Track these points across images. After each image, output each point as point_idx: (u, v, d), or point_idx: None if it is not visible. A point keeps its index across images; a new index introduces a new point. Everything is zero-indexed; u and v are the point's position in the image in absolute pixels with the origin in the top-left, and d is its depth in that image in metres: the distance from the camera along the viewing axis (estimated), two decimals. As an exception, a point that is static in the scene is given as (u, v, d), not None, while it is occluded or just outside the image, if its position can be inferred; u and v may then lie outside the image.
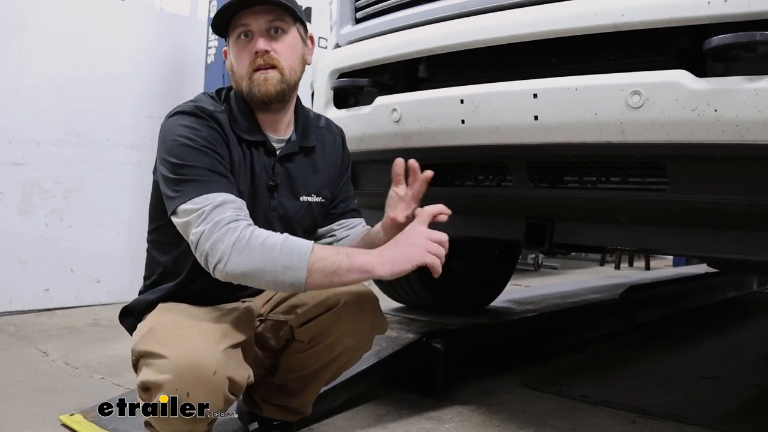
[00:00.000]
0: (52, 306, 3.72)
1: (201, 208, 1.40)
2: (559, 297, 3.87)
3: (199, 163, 1.46)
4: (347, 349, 1.65)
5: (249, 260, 1.37)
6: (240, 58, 1.57)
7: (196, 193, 1.42)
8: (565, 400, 2.35)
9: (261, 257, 1.36)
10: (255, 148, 1.61)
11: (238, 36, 1.57)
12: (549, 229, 1.92)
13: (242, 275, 1.38)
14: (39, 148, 3.67)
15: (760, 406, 2.46)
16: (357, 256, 1.40)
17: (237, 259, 1.37)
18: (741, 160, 1.45)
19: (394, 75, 2.13)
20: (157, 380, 1.36)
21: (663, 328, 3.83)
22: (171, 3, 4.39)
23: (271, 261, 1.36)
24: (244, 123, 1.60)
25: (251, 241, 1.37)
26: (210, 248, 1.38)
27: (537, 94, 1.65)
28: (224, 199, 1.42)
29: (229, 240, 1.37)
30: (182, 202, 1.43)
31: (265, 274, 1.37)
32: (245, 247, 1.37)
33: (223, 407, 1.43)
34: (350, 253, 1.41)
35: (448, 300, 3.13)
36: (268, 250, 1.37)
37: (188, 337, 1.40)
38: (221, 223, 1.38)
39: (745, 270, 4.75)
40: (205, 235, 1.39)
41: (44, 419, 2.00)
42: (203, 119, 1.52)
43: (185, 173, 1.45)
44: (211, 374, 1.36)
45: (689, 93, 1.42)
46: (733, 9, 1.36)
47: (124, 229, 3.99)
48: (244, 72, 1.57)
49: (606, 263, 8.08)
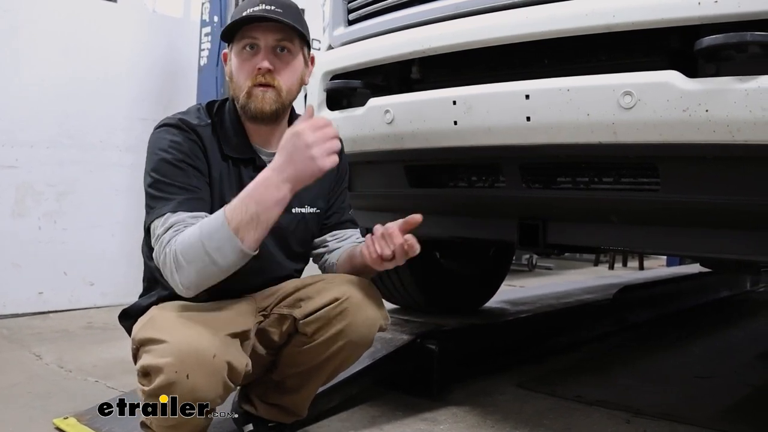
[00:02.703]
0: (46, 309, 3.70)
1: (157, 232, 1.47)
2: (553, 297, 3.88)
3: (173, 179, 1.51)
4: (349, 343, 1.65)
5: (190, 268, 1.41)
6: (242, 69, 1.59)
7: (160, 213, 1.49)
8: (559, 400, 2.35)
9: (195, 262, 1.40)
10: (244, 165, 1.64)
11: (244, 46, 1.59)
12: (542, 229, 1.92)
13: (197, 281, 1.44)
14: (32, 150, 3.66)
15: (754, 405, 2.46)
16: (267, 201, 1.41)
17: (182, 274, 1.42)
18: (732, 160, 1.46)
19: (387, 76, 2.13)
20: (157, 363, 1.38)
21: (657, 327, 3.83)
22: (164, 5, 4.38)
23: (204, 256, 1.40)
24: (234, 139, 1.63)
25: (181, 251, 1.41)
26: (166, 273, 1.45)
27: (529, 95, 1.65)
28: (175, 220, 1.47)
29: (168, 261, 1.43)
30: (150, 221, 1.51)
31: (209, 269, 1.41)
32: (179, 259, 1.41)
33: (222, 393, 1.45)
34: (259, 203, 1.41)
35: (442, 301, 3.14)
36: (193, 251, 1.40)
37: (188, 324, 1.44)
38: (162, 245, 1.45)
39: (739, 270, 4.77)
40: (156, 259, 1.48)
41: (38, 422, 1.99)
42: (185, 132, 1.56)
43: (159, 188, 1.52)
44: (210, 357, 1.39)
45: (681, 93, 1.43)
46: (724, 10, 1.36)
47: (118, 232, 3.98)
48: (243, 84, 1.59)
49: (600, 263, 8.10)
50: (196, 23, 4.27)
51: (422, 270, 3.01)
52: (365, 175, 2.31)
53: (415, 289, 3.02)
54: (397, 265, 1.60)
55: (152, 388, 1.40)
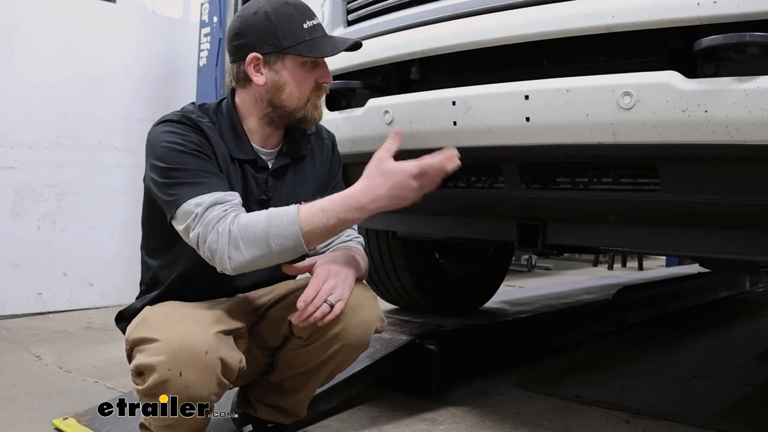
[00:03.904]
0: (45, 310, 3.71)
1: (194, 212, 1.45)
2: (552, 298, 3.87)
3: (190, 165, 1.50)
4: (345, 346, 1.64)
5: (247, 252, 1.43)
6: (306, 81, 1.63)
7: (188, 196, 1.47)
8: (558, 401, 2.35)
9: (254, 249, 1.43)
10: (245, 164, 1.65)
11: (306, 60, 1.61)
12: (541, 229, 1.92)
13: (248, 265, 1.46)
14: (31, 151, 3.66)
15: (753, 405, 2.47)
16: (348, 215, 1.46)
17: (236, 256, 1.43)
18: (731, 161, 1.46)
19: (387, 77, 2.13)
20: (150, 362, 1.39)
21: (656, 328, 3.84)
22: (163, 5, 4.38)
23: (265, 246, 1.43)
24: (235, 140, 1.64)
25: (241, 234, 1.42)
26: (209, 251, 1.45)
27: (529, 96, 1.65)
28: (215, 199, 1.46)
29: (222, 240, 1.43)
30: (177, 207, 1.48)
31: (267, 257, 1.45)
32: (238, 242, 1.42)
33: (216, 390, 1.46)
34: (340, 216, 1.45)
35: (441, 301, 3.14)
36: (255, 237, 1.43)
37: (180, 321, 1.45)
38: (211, 224, 1.44)
39: (738, 270, 4.77)
40: (201, 238, 1.45)
41: (37, 423, 1.99)
42: (190, 126, 1.56)
43: (176, 176, 1.49)
44: (203, 354, 1.40)
45: (680, 94, 1.43)
46: (723, 10, 1.36)
47: (117, 232, 3.98)
48: (306, 95, 1.63)
49: (599, 264, 8.10)
50: (195, 24, 4.28)
51: (421, 270, 3.01)
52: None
53: (414, 290, 3.02)
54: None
55: (146, 387, 1.41)
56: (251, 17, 1.60)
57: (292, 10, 1.60)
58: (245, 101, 1.65)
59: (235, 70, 1.64)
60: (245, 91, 1.65)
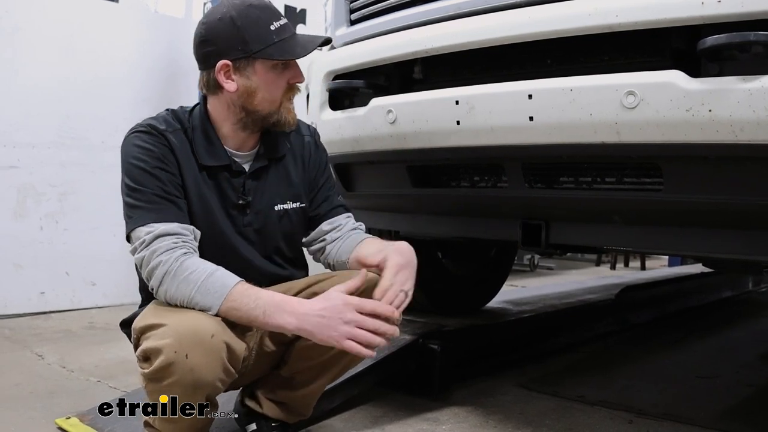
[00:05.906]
0: (47, 309, 3.70)
1: (143, 239, 1.50)
2: (555, 297, 3.88)
3: (149, 187, 1.55)
4: None
5: (173, 290, 1.47)
6: (277, 83, 1.62)
7: (142, 221, 1.52)
8: (561, 401, 2.35)
9: (182, 290, 1.46)
10: (219, 171, 1.65)
11: (276, 63, 1.60)
12: (545, 229, 1.92)
13: (172, 300, 1.49)
14: (34, 151, 3.66)
15: (755, 405, 2.46)
16: (275, 316, 1.46)
17: (164, 289, 1.48)
18: (735, 160, 1.46)
19: (390, 76, 2.13)
20: (157, 345, 1.40)
21: (659, 327, 3.83)
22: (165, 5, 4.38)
23: (188, 297, 1.46)
24: (208, 147, 1.64)
25: (178, 272, 1.46)
26: (148, 274, 1.50)
27: (532, 95, 1.65)
28: (165, 230, 1.51)
29: (161, 269, 1.47)
30: (131, 229, 1.54)
31: (184, 302, 1.47)
32: (173, 277, 1.47)
33: (222, 377, 1.46)
34: (267, 311, 1.46)
35: (444, 301, 3.14)
36: (189, 284, 1.46)
37: (187, 310, 1.47)
38: (157, 252, 1.48)
39: (741, 270, 4.76)
40: (144, 261, 1.50)
41: (40, 423, 1.99)
42: (156, 137, 1.60)
43: (137, 197, 1.55)
44: (209, 337, 1.41)
45: (684, 93, 1.42)
46: (727, 9, 1.36)
47: (120, 232, 3.87)
48: (278, 97, 1.63)
49: (602, 263, 8.09)
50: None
51: (424, 270, 3.00)
52: (367, 175, 2.31)
53: (417, 290, 3.00)
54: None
55: (152, 370, 1.42)
56: (216, 23, 1.58)
57: (257, 12, 1.58)
58: (217, 108, 1.65)
59: (205, 78, 1.63)
60: (217, 98, 1.64)
